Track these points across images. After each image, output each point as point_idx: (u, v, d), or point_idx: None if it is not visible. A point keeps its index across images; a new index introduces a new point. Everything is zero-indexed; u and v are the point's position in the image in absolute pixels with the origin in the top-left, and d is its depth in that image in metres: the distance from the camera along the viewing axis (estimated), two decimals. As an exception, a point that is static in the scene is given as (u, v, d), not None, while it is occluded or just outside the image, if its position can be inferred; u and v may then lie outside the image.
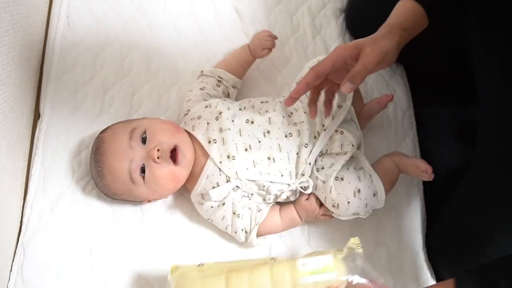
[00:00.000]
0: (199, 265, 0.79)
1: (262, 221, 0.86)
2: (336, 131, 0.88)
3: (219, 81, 0.95)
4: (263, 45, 0.96)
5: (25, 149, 0.94)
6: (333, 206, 0.85)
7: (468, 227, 0.86)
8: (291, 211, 0.88)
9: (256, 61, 1.01)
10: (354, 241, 0.78)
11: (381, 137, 1.01)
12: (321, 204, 0.88)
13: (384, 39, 0.74)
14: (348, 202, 0.84)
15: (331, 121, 0.87)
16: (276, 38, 0.97)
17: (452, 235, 0.91)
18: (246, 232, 0.86)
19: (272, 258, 0.80)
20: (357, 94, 0.94)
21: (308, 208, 0.87)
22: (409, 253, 0.93)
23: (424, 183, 0.99)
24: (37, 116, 0.97)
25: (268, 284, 0.74)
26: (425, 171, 0.89)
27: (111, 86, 1.00)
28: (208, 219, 0.88)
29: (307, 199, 0.88)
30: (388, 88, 1.05)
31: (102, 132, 0.88)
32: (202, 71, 0.97)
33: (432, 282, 0.92)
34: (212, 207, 0.86)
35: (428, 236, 0.95)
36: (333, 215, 0.89)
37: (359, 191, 0.84)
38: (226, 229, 0.87)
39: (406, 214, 0.96)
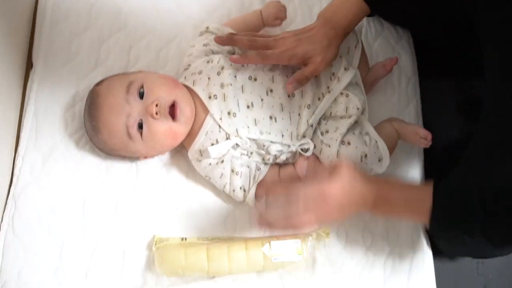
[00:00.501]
0: (182, 239, 0.85)
1: (261, 180, 0.84)
2: (342, 93, 0.85)
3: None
4: (278, 15, 0.94)
5: (17, 99, 0.92)
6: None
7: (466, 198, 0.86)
8: (290, 171, 0.86)
9: None
10: (324, 230, 0.87)
11: (384, 103, 0.98)
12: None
13: (330, 47, 0.81)
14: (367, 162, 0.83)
15: (337, 83, 0.85)
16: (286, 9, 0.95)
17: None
18: (244, 190, 0.85)
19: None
20: (363, 57, 0.92)
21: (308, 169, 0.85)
22: (406, 221, 0.92)
23: (425, 153, 0.97)
24: (29, 65, 0.94)
25: (244, 255, 0.83)
26: (424, 137, 0.89)
27: (107, 38, 0.96)
28: (206, 176, 0.87)
29: (305, 160, 0.85)
30: (394, 53, 1.02)
31: (97, 84, 0.85)
32: (207, 27, 0.92)
33: (428, 251, 0.92)
34: (210, 164, 0.84)
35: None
36: None
37: (365, 156, 0.83)
38: (224, 187, 0.86)
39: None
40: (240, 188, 0.85)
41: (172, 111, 0.80)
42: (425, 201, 0.73)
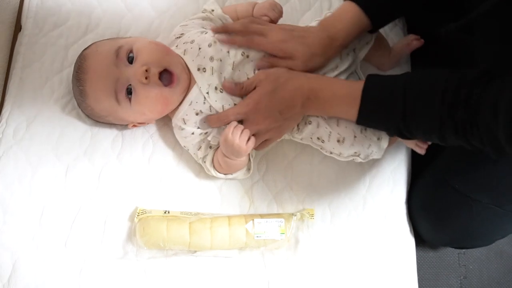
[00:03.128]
0: (165, 212, 0.85)
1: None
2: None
3: None
4: (267, 14, 0.88)
5: (3, 61, 0.90)
6: (338, 141, 0.83)
7: (450, 186, 0.87)
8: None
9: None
10: (309, 211, 0.88)
11: None
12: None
13: (320, 56, 0.81)
14: (355, 137, 0.83)
15: (333, 69, 0.84)
16: (281, 11, 0.90)
17: (434, 193, 0.91)
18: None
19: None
20: (383, 43, 0.94)
21: (222, 141, 0.81)
22: (391, 206, 0.93)
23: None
24: (18, 28, 0.93)
25: (226, 231, 0.83)
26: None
27: (98, 4, 0.95)
28: (185, 147, 0.86)
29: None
30: (388, 39, 1.01)
31: (85, 49, 0.83)
32: (212, 10, 0.90)
33: (411, 237, 0.93)
34: (193, 133, 0.83)
35: (411, 192, 0.95)
36: (333, 155, 0.87)
37: (365, 129, 0.83)
38: (198, 160, 0.86)
39: (391, 169, 0.95)
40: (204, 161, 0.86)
41: (166, 78, 0.79)
42: (355, 89, 0.75)
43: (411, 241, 0.93)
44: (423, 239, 0.98)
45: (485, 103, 0.62)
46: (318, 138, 0.85)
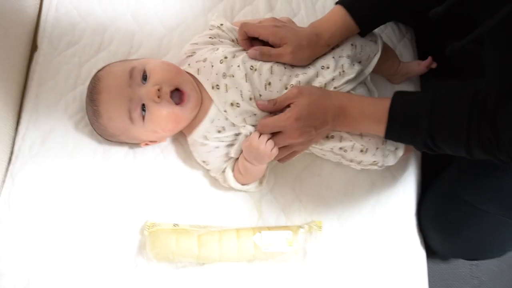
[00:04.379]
0: (175, 225, 0.86)
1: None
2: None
3: (232, 40, 0.92)
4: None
5: (19, 79, 0.94)
6: (361, 151, 0.86)
7: (459, 197, 0.88)
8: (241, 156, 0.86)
9: (261, 13, 1.01)
10: (317, 223, 0.89)
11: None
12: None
13: (307, 48, 0.84)
14: (377, 148, 0.86)
15: (341, 81, 0.86)
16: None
17: (443, 205, 0.92)
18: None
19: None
20: (391, 54, 0.97)
21: (247, 145, 0.82)
22: (400, 218, 0.93)
23: (423, 152, 0.98)
24: (34, 47, 0.96)
25: (235, 243, 0.84)
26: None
27: (110, 23, 0.98)
28: (204, 161, 0.88)
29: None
30: (396, 51, 1.03)
31: (99, 70, 0.86)
32: (221, 24, 0.92)
33: (422, 251, 0.93)
34: (217, 147, 0.85)
35: (421, 204, 0.96)
36: (352, 163, 0.89)
37: (386, 141, 0.86)
38: (216, 173, 0.88)
39: (401, 180, 0.95)
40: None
41: (177, 96, 0.81)
42: (382, 108, 0.77)
43: (422, 253, 0.93)
44: (434, 251, 0.97)
45: (508, 121, 0.65)
46: (340, 148, 0.87)
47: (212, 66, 0.84)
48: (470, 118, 0.68)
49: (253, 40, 0.87)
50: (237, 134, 0.84)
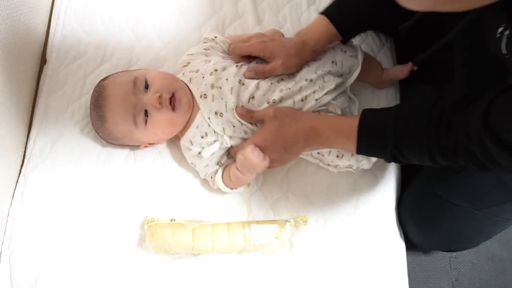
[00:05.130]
0: (172, 220, 0.93)
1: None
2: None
3: (224, 51, 1.00)
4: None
5: (30, 90, 1.01)
6: (337, 156, 0.92)
7: (434, 192, 0.94)
8: (233, 164, 0.92)
9: (250, 27, 1.08)
10: (303, 218, 0.95)
11: (365, 105, 1.04)
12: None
13: (295, 57, 0.91)
14: (352, 154, 0.92)
15: (321, 93, 0.91)
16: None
17: (420, 200, 0.97)
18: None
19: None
20: (374, 64, 1.03)
21: (241, 158, 0.87)
22: (382, 213, 0.99)
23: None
24: (43, 61, 1.04)
25: (226, 236, 0.90)
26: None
27: (112, 38, 1.06)
28: (192, 164, 0.95)
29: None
30: (377, 59, 1.09)
31: (102, 80, 0.93)
32: (215, 37, 1.00)
33: (401, 241, 0.98)
34: (199, 153, 0.92)
35: (400, 200, 1.01)
36: (329, 167, 0.95)
37: None
38: (205, 175, 0.95)
39: (381, 178, 1.01)
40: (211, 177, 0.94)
41: (172, 102, 0.89)
42: (351, 125, 0.82)
43: (401, 245, 0.98)
44: (413, 243, 1.03)
45: (461, 129, 0.70)
46: (318, 153, 0.93)
47: (203, 77, 0.91)
48: (428, 128, 0.73)
49: (245, 56, 0.94)
50: (216, 141, 0.91)
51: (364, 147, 0.82)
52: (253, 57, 0.94)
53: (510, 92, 0.64)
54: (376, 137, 0.80)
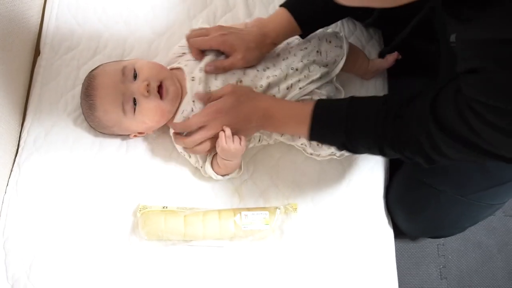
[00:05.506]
0: (164, 207, 0.94)
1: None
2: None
3: None
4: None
5: (25, 80, 1.03)
6: (318, 145, 0.93)
7: (419, 180, 0.96)
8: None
9: (241, 19, 1.10)
10: (292, 205, 0.96)
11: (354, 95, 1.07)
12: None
13: (255, 50, 0.92)
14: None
15: (306, 82, 0.93)
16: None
17: (406, 187, 0.99)
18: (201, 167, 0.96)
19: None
20: (360, 55, 1.04)
21: (219, 150, 0.88)
22: (370, 200, 1.00)
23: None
24: (37, 52, 1.06)
25: (217, 223, 0.92)
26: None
27: (105, 30, 1.08)
28: (181, 152, 0.97)
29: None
30: (365, 51, 1.11)
31: (93, 70, 0.94)
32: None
33: (389, 228, 1.00)
34: None
35: (388, 188, 1.03)
36: (313, 156, 0.96)
37: None
38: (195, 163, 0.96)
39: (370, 167, 1.03)
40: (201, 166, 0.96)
41: (160, 90, 0.90)
42: (305, 111, 0.83)
43: (389, 232, 0.99)
44: (401, 230, 1.05)
45: (409, 118, 0.72)
46: (302, 143, 0.95)
47: (194, 61, 0.94)
48: (377, 119, 0.76)
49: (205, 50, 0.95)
50: None
51: (315, 133, 0.84)
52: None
53: (455, 81, 0.66)
54: (327, 125, 0.82)
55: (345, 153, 0.96)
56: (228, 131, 0.87)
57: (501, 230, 1.16)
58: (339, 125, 0.80)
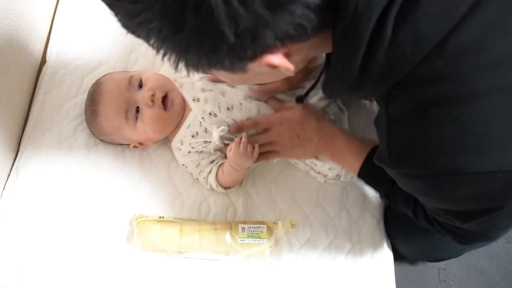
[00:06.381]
0: (160, 217, 0.94)
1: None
2: None
3: None
4: None
5: (29, 87, 1.04)
6: (329, 169, 0.95)
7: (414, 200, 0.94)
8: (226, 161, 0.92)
9: None
10: (291, 221, 0.95)
11: (354, 115, 1.05)
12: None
13: (299, 72, 0.87)
14: (342, 168, 0.94)
15: (315, 98, 0.94)
16: None
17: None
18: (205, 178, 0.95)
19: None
20: None
21: (230, 154, 0.88)
22: (368, 221, 0.99)
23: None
24: (43, 61, 1.08)
25: (213, 234, 0.91)
26: None
27: (110, 41, 1.10)
28: (183, 165, 0.97)
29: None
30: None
31: (100, 78, 0.96)
32: None
33: (389, 252, 0.98)
34: (189, 152, 0.94)
35: (387, 208, 1.02)
36: (319, 175, 0.97)
37: None
38: (198, 175, 0.96)
39: (369, 186, 1.00)
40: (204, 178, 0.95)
41: (166, 102, 0.91)
42: (364, 149, 0.83)
43: (389, 254, 0.97)
44: (400, 253, 1.03)
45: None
46: (311, 162, 0.95)
47: (192, 83, 0.95)
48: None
49: None
50: (206, 142, 0.93)
51: (365, 174, 0.85)
52: None
53: None
54: (377, 171, 0.80)
55: (348, 178, 0.97)
56: (245, 138, 0.87)
57: (504, 257, 1.13)
58: (386, 178, 0.77)
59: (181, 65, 0.50)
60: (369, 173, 0.84)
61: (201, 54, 0.47)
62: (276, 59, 0.49)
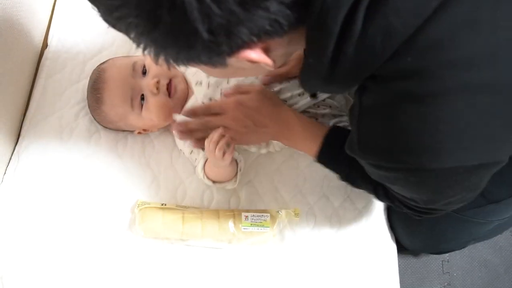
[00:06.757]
0: (162, 204, 0.93)
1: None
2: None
3: None
4: None
5: (30, 71, 1.03)
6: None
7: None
8: None
9: None
10: (295, 210, 0.94)
11: None
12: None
13: None
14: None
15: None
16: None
17: None
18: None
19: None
20: None
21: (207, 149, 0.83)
22: (373, 212, 0.98)
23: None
24: (45, 45, 1.06)
25: (216, 222, 0.90)
26: None
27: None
28: (181, 150, 0.96)
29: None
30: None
31: (102, 63, 0.95)
32: None
33: (393, 245, 0.97)
34: None
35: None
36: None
37: None
38: (194, 161, 0.94)
39: None
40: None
41: (169, 88, 0.90)
42: (321, 131, 0.82)
43: (392, 247, 0.96)
44: (403, 245, 1.02)
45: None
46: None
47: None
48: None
49: None
50: None
51: (322, 158, 0.83)
52: None
53: None
54: (334, 155, 0.81)
55: None
56: (221, 137, 0.81)
57: (508, 250, 1.12)
58: (343, 163, 0.79)
59: (161, 59, 0.50)
60: (327, 155, 0.82)
61: (178, 50, 0.48)
62: (254, 54, 0.50)
